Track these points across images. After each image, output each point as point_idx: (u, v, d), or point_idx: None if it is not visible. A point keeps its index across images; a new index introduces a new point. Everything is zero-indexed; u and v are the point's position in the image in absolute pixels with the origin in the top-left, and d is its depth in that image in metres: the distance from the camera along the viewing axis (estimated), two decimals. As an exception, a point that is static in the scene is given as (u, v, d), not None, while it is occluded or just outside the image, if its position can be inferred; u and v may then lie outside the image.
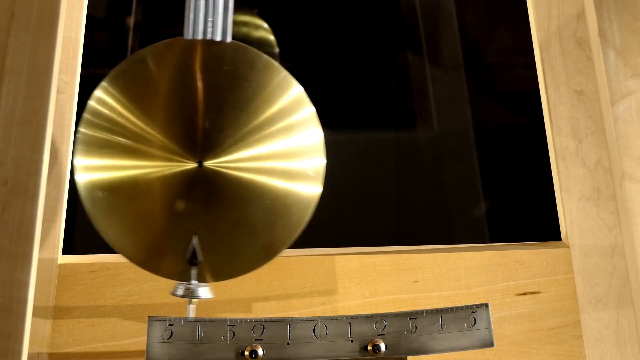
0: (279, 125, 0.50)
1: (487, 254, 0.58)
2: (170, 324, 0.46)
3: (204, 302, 0.56)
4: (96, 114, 0.49)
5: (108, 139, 0.49)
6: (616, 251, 0.57)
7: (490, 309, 0.47)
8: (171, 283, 0.56)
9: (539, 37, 0.62)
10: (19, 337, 0.46)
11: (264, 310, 0.56)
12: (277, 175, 0.49)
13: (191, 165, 0.48)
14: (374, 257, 0.58)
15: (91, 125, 0.49)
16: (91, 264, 0.56)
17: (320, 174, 0.50)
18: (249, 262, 0.49)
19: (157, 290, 0.56)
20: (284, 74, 0.50)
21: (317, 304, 0.56)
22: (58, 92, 0.54)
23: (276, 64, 0.50)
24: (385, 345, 0.46)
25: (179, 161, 0.48)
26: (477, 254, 0.58)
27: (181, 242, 0.48)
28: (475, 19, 1.06)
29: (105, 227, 0.48)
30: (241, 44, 0.50)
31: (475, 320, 0.47)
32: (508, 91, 1.01)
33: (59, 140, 0.58)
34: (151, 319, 0.46)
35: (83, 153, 0.49)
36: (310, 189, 0.49)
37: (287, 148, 0.49)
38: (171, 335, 0.46)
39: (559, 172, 0.59)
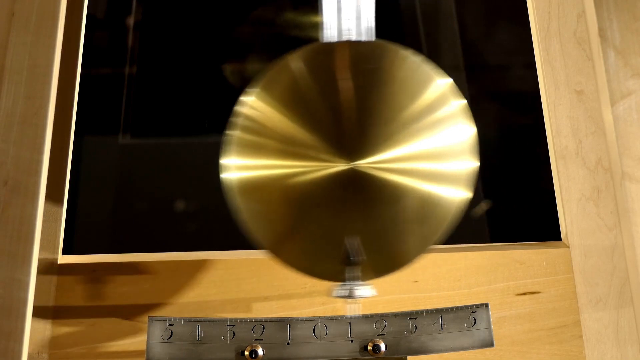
0: (426, 120, 0.49)
1: (487, 254, 0.58)
2: (170, 324, 0.46)
3: (204, 303, 0.56)
4: (247, 118, 0.49)
5: (260, 142, 0.49)
6: (616, 251, 0.57)
7: (490, 309, 0.47)
8: (173, 282, 0.56)
9: (539, 37, 0.62)
10: (19, 337, 0.46)
11: (264, 310, 0.56)
12: (425, 177, 0.49)
13: (343, 166, 0.48)
14: (374, 257, 0.58)
15: (243, 128, 0.49)
16: (91, 264, 0.56)
17: (469, 177, 0.49)
18: (405, 256, 0.49)
19: (157, 290, 0.56)
20: (426, 67, 0.50)
21: (317, 304, 0.56)
22: (58, 92, 0.54)
23: (418, 58, 0.51)
24: (385, 345, 0.46)
25: (330, 161, 0.48)
26: (477, 254, 0.58)
27: (339, 243, 0.48)
28: (475, 19, 1.06)
29: (259, 231, 0.48)
30: (381, 41, 0.51)
31: (475, 320, 0.47)
32: (508, 91, 1.01)
33: (59, 140, 0.58)
34: (151, 319, 0.46)
35: (236, 154, 0.49)
36: (458, 193, 0.49)
37: (436, 147, 0.49)
38: (171, 335, 0.46)
39: (559, 172, 0.59)
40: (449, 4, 1.03)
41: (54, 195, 0.57)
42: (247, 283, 0.56)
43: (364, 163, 0.48)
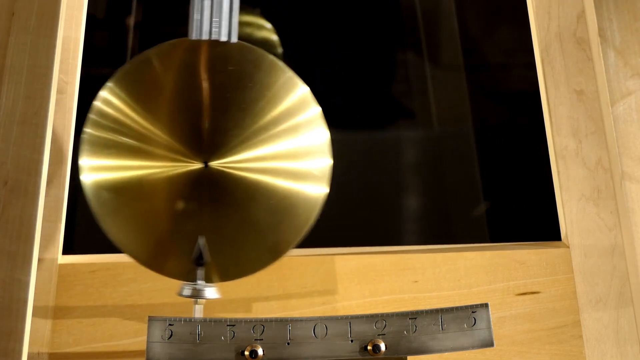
0: (284, 126, 0.50)
1: (487, 254, 0.58)
2: (170, 324, 0.46)
3: (205, 302, 0.56)
4: (102, 114, 0.49)
5: (114, 140, 0.49)
6: (616, 251, 0.57)
7: (490, 309, 0.47)
8: (173, 282, 0.56)
9: (539, 37, 0.62)
10: (19, 337, 0.46)
11: (264, 310, 0.56)
12: (283, 176, 0.49)
13: (197, 165, 0.48)
14: (374, 257, 0.58)
15: (97, 125, 0.49)
16: (91, 264, 0.56)
17: (326, 174, 0.50)
18: (254, 263, 0.49)
19: (157, 290, 0.56)
20: (290, 74, 0.50)
21: (317, 304, 0.56)
22: (58, 92, 0.54)
23: (281, 64, 0.51)
24: (385, 345, 0.46)
25: (184, 161, 0.48)
26: (477, 254, 0.58)
27: (187, 243, 0.48)
28: (475, 19, 1.06)
29: (110, 227, 0.48)
30: (246, 44, 0.50)
31: (475, 320, 0.47)
32: (508, 91, 1.01)
33: (59, 140, 0.58)
34: (151, 319, 0.46)
35: (89, 153, 0.49)
36: (316, 189, 0.49)
37: (293, 148, 0.50)
38: (171, 335, 0.46)
39: (559, 172, 0.59)
40: (449, 4, 1.03)
41: (54, 195, 0.57)
42: (247, 283, 0.56)
43: (219, 163, 0.48)
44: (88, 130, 0.49)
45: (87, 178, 0.49)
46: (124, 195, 0.49)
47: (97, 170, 0.49)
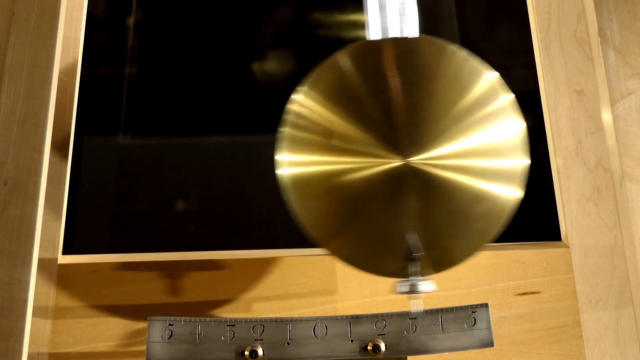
0: (476, 115, 0.50)
1: (487, 254, 0.58)
2: (170, 324, 0.46)
3: (203, 302, 0.56)
4: (298, 115, 0.50)
5: (311, 138, 0.49)
6: (616, 251, 0.57)
7: (490, 309, 0.47)
8: (172, 282, 0.56)
9: (539, 37, 0.62)
10: (19, 337, 0.46)
11: (264, 310, 0.56)
12: (479, 175, 0.49)
13: (397, 162, 0.48)
14: (374, 257, 0.58)
15: (294, 126, 0.49)
16: (91, 264, 0.56)
17: (520, 175, 0.50)
18: (465, 250, 0.49)
19: (157, 290, 0.56)
20: (474, 61, 0.51)
21: (317, 304, 0.56)
22: (58, 92, 0.54)
23: (464, 52, 0.51)
24: (385, 345, 0.46)
25: (383, 158, 0.49)
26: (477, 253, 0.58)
27: (395, 239, 0.48)
28: (475, 19, 1.06)
29: (310, 222, 0.48)
30: (427, 36, 0.51)
31: (475, 320, 0.47)
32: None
33: (59, 140, 0.58)
34: (151, 319, 0.46)
35: (287, 150, 0.49)
36: (509, 192, 0.49)
37: (488, 143, 0.49)
38: (171, 335, 0.46)
39: (559, 172, 0.59)
40: (449, 4, 1.03)
41: (54, 195, 0.57)
42: (247, 283, 0.56)
43: (418, 159, 0.48)
44: (286, 129, 0.49)
45: (286, 172, 0.49)
46: (326, 194, 0.49)
47: (296, 165, 0.49)
